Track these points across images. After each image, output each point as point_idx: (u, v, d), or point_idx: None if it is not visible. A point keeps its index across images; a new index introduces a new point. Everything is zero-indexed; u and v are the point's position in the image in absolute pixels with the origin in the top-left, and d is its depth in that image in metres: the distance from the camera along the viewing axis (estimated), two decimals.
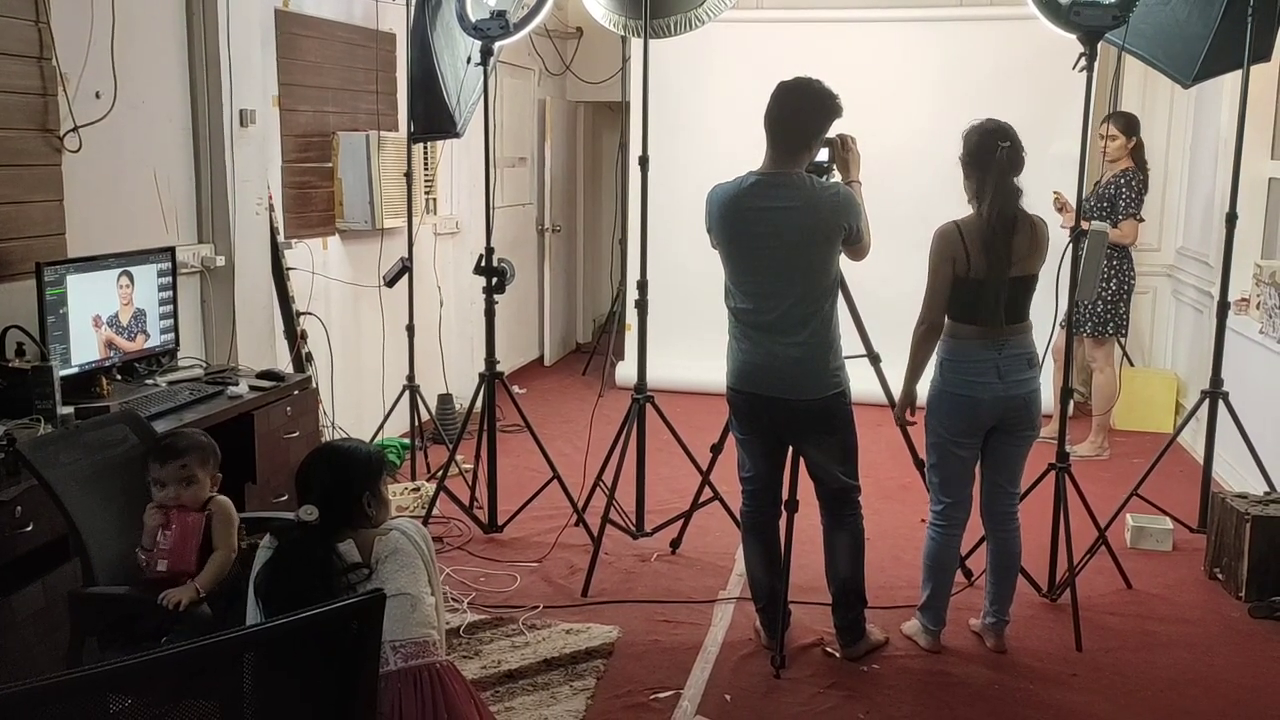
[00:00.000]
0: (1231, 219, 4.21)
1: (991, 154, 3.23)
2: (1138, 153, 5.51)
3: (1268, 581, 3.86)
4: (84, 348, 3.47)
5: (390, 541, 2.33)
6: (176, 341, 3.94)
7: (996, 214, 3.23)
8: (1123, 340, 5.61)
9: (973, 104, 6.44)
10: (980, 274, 3.24)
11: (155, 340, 3.82)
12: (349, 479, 2.35)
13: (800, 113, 3.22)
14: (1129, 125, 5.51)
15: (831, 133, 3.36)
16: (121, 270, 3.63)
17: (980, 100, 6.43)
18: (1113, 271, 5.42)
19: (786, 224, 3.17)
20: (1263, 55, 4.14)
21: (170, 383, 3.72)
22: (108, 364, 3.59)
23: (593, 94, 8.04)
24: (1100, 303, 5.45)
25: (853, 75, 5.79)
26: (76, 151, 3.55)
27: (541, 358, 7.99)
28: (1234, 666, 3.49)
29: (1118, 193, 5.42)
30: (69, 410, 3.13)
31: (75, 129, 3.53)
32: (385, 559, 2.31)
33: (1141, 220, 5.47)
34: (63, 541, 2.78)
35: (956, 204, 6.60)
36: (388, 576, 2.29)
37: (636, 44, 4.36)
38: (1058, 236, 3.65)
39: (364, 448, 2.48)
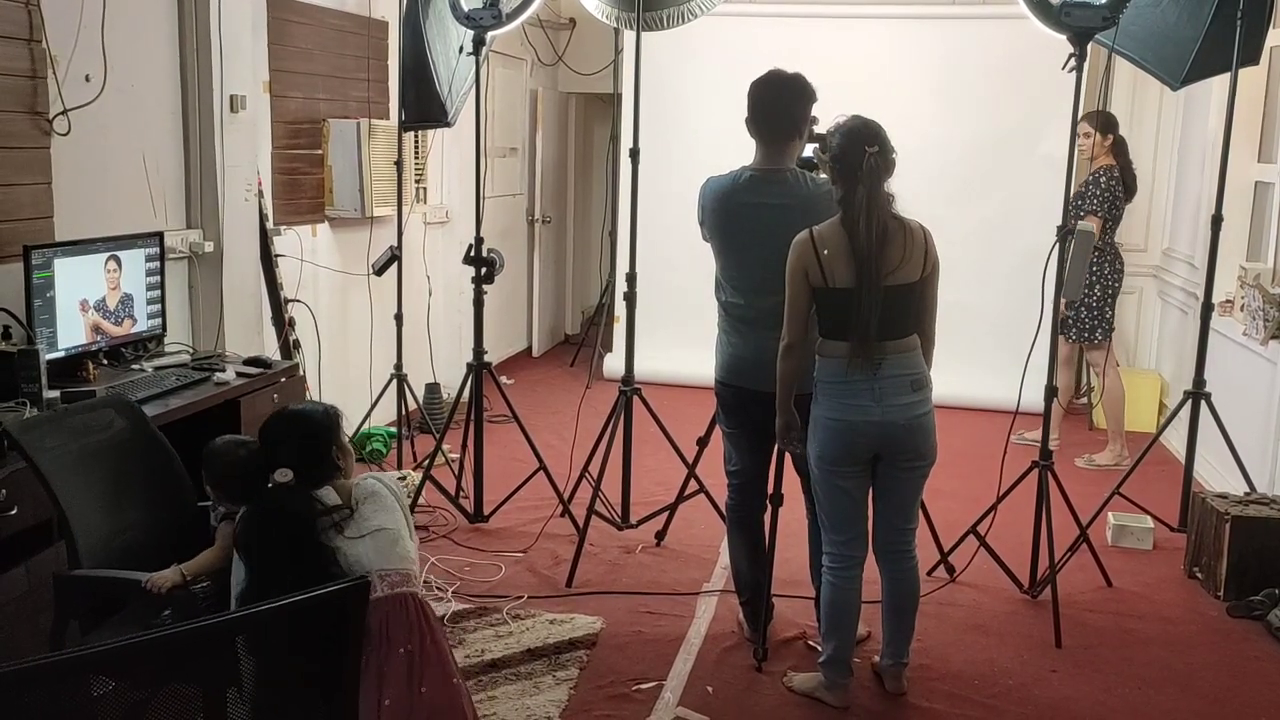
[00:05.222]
0: (1217, 221, 4.23)
1: (859, 159, 2.92)
2: (1119, 151, 5.36)
3: (1246, 581, 3.90)
4: (70, 331, 3.46)
5: (368, 486, 2.47)
6: (163, 327, 3.92)
7: (866, 224, 2.92)
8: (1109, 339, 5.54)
9: (963, 102, 6.53)
10: (846, 283, 2.95)
11: (142, 325, 3.81)
12: (315, 435, 2.46)
13: (781, 104, 3.24)
14: (1105, 123, 5.38)
15: (822, 128, 3.37)
16: (109, 254, 3.62)
17: (970, 99, 6.50)
18: (1095, 277, 5.30)
19: (780, 221, 3.17)
20: (1251, 58, 4.16)
21: (157, 368, 3.71)
22: (94, 348, 3.58)
23: (585, 85, 8.03)
24: (1084, 309, 5.34)
25: (843, 71, 5.83)
26: (65, 134, 3.53)
27: (530, 349, 7.99)
28: (1211, 665, 3.52)
29: (1085, 189, 5.31)
30: (55, 394, 3.12)
31: (64, 112, 3.52)
32: (365, 500, 2.44)
33: (1099, 217, 5.20)
34: (47, 525, 2.78)
35: (946, 201, 6.63)
36: (369, 514, 2.41)
37: (629, 36, 4.36)
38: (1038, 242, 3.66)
39: (318, 405, 2.59)
